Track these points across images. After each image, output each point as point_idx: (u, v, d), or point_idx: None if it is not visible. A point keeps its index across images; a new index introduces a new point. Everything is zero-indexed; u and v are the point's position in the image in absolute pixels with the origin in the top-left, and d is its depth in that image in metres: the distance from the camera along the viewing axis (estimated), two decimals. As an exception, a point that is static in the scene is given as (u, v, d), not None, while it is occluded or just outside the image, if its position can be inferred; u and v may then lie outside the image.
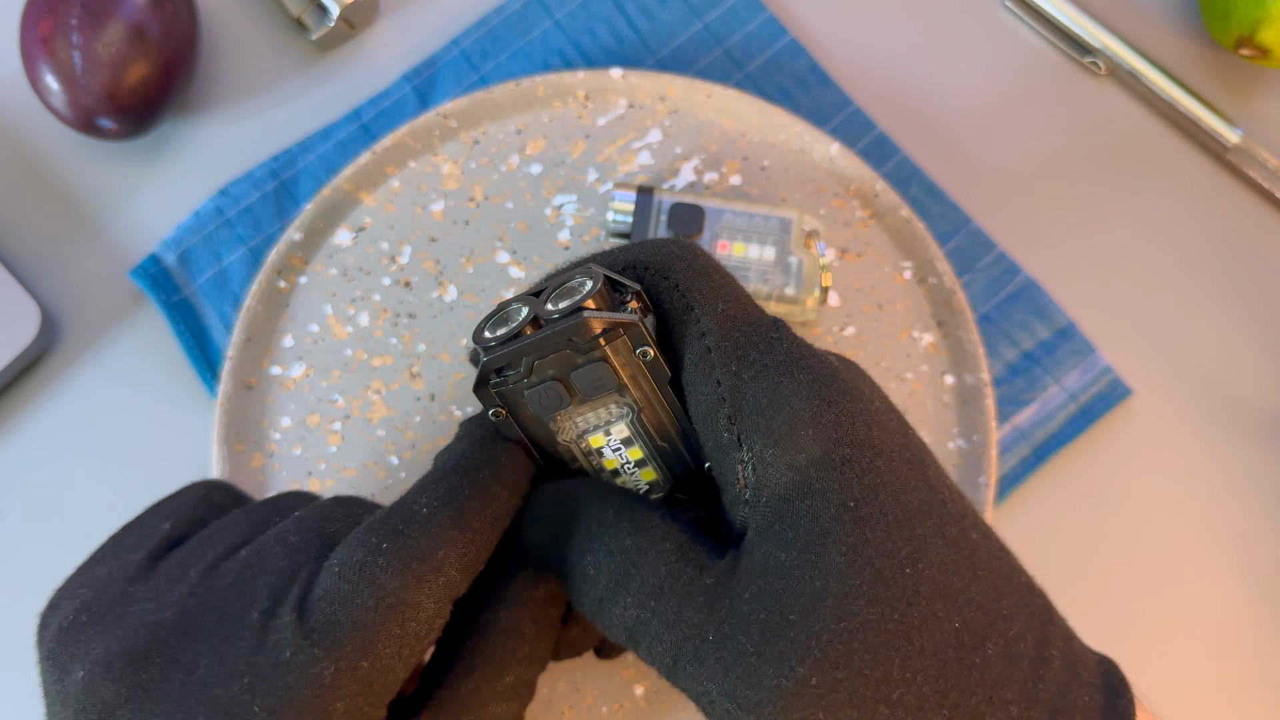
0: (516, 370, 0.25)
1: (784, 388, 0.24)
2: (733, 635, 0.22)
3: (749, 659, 0.22)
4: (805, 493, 0.23)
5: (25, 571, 0.41)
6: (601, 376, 0.25)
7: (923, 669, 0.22)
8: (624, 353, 0.25)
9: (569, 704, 0.38)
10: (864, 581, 0.22)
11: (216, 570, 0.25)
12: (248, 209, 0.44)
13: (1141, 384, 0.43)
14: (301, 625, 0.23)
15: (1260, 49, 0.44)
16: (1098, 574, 0.42)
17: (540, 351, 0.25)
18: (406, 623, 0.23)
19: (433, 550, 0.24)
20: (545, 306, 0.25)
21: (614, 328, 0.24)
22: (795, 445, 0.23)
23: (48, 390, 0.43)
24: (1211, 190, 0.46)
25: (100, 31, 0.41)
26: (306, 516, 0.26)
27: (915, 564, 0.22)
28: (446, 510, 0.25)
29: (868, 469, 0.23)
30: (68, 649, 0.24)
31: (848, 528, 0.22)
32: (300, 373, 0.42)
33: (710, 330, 0.25)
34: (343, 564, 0.24)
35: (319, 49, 0.48)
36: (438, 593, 0.24)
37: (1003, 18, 0.49)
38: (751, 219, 0.41)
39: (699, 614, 0.23)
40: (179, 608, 0.24)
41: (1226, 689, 0.40)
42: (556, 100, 0.45)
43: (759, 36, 0.47)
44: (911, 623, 0.22)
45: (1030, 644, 0.23)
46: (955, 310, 0.42)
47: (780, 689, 0.21)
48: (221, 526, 0.26)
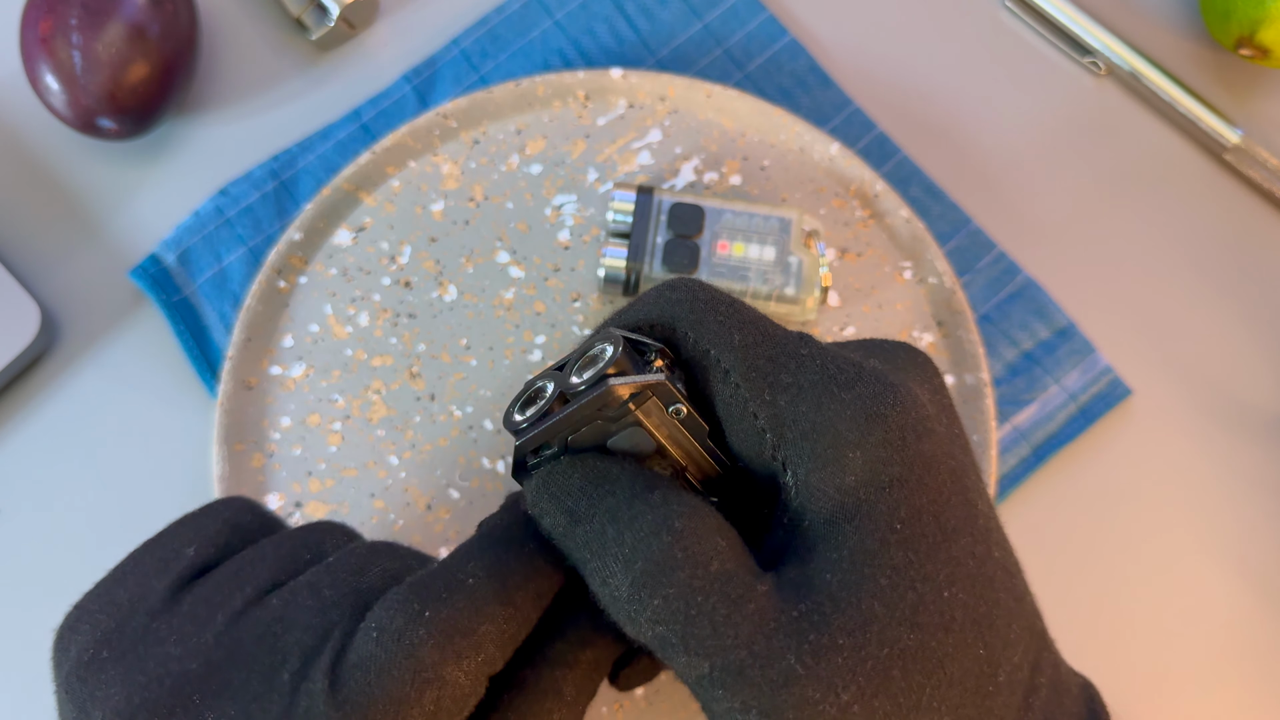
0: (552, 449, 0.24)
1: (826, 408, 0.23)
2: (782, 653, 0.21)
3: (798, 680, 0.21)
4: (853, 514, 0.22)
5: (25, 572, 0.41)
6: (638, 441, 0.24)
7: (948, 698, 0.22)
8: (656, 414, 0.24)
9: (569, 704, 0.38)
10: (907, 606, 0.22)
11: (244, 617, 0.24)
12: (248, 209, 0.44)
13: (1141, 384, 0.43)
14: (334, 695, 0.22)
15: (1260, 49, 0.44)
16: (1097, 574, 0.42)
17: (573, 427, 0.24)
18: (441, 699, 0.22)
19: (475, 625, 0.23)
20: (570, 380, 0.24)
21: (641, 390, 0.23)
22: (842, 468, 0.22)
23: (48, 390, 0.43)
24: (1211, 190, 0.46)
25: (100, 31, 0.41)
26: (340, 566, 0.25)
27: (951, 587, 0.22)
28: (492, 583, 0.24)
29: (915, 487, 0.22)
30: (87, 687, 0.24)
31: (893, 551, 0.22)
32: (300, 373, 0.42)
33: (733, 366, 0.24)
34: (380, 629, 0.23)
35: (319, 49, 0.48)
36: (475, 670, 0.23)
37: (1003, 18, 0.49)
38: (751, 219, 0.41)
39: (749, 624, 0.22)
40: (204, 659, 0.23)
41: (1226, 689, 0.40)
42: (556, 100, 0.45)
43: (759, 36, 0.47)
44: (946, 650, 0.22)
45: (1026, 672, 0.23)
46: (955, 310, 0.42)
47: (824, 714, 0.21)
48: (250, 561, 0.26)
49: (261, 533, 0.27)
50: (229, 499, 0.28)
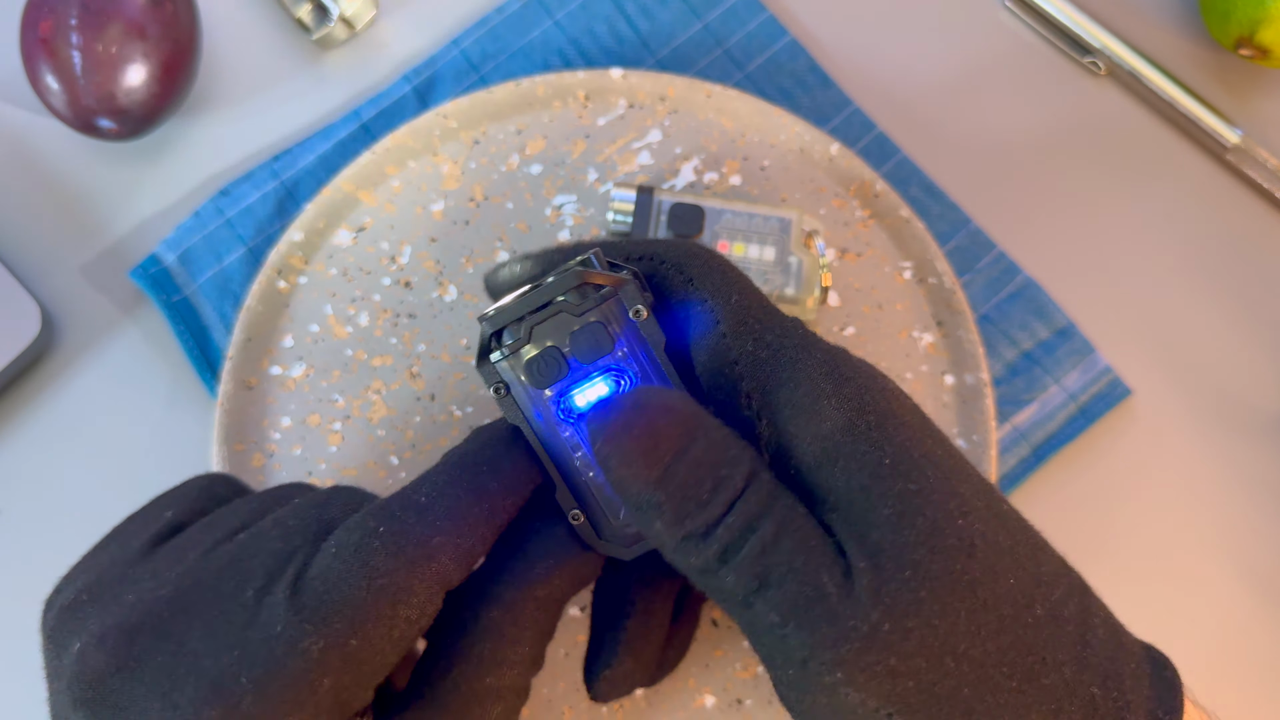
0: (516, 335, 0.26)
1: (802, 365, 0.24)
2: (816, 573, 0.22)
3: (830, 598, 0.22)
4: (836, 458, 0.23)
5: (25, 571, 0.41)
6: (598, 338, 0.25)
7: (985, 623, 0.22)
8: (617, 314, 0.25)
9: (569, 704, 0.38)
10: (919, 531, 0.22)
11: (214, 552, 0.25)
12: (248, 209, 0.44)
13: (1141, 384, 0.43)
14: (293, 602, 0.23)
15: (1260, 49, 0.44)
16: (1097, 574, 0.41)
17: (537, 311, 0.25)
18: (397, 606, 0.23)
19: (427, 537, 0.24)
20: (546, 280, 0.26)
21: (609, 284, 0.25)
22: (820, 416, 0.24)
23: (48, 390, 0.43)
24: (1211, 190, 0.46)
25: (100, 31, 0.41)
26: (305, 503, 0.26)
27: (966, 516, 0.23)
28: (444, 501, 0.25)
29: (895, 432, 0.23)
30: (66, 626, 0.25)
31: (890, 481, 0.23)
32: (300, 373, 0.42)
33: (724, 317, 0.25)
34: (339, 545, 0.24)
35: (319, 49, 0.48)
36: (429, 579, 0.24)
37: (1002, 18, 0.49)
38: (751, 219, 0.41)
39: (794, 554, 0.23)
40: (174, 586, 0.24)
41: (1226, 689, 0.40)
42: (556, 100, 0.45)
43: (759, 36, 0.47)
44: (973, 574, 0.22)
45: (1073, 610, 0.23)
46: (955, 310, 0.42)
47: (856, 631, 0.22)
48: (222, 513, 0.27)
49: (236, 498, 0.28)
50: (207, 473, 0.29)
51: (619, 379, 0.26)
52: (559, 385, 0.26)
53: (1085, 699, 0.23)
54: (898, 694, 0.22)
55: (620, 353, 0.26)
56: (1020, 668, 0.22)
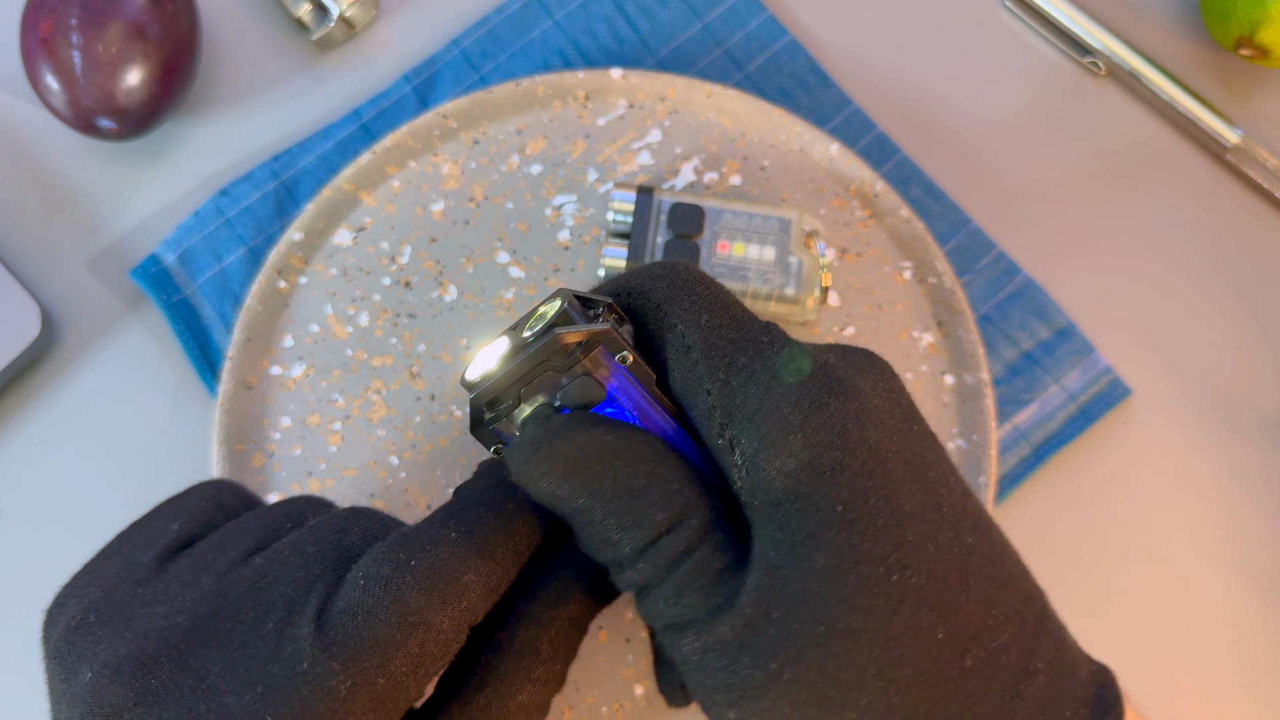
0: (506, 402, 0.25)
1: (773, 392, 0.24)
2: (718, 623, 0.23)
3: (729, 648, 0.22)
4: (795, 497, 0.23)
5: (25, 571, 0.41)
6: (588, 390, 0.25)
7: (898, 679, 0.22)
8: (604, 364, 0.25)
9: (569, 704, 0.38)
10: (846, 587, 0.22)
11: (229, 576, 0.25)
12: (248, 209, 0.44)
13: (1141, 384, 0.43)
14: (321, 637, 0.23)
15: (1260, 49, 0.44)
16: (1097, 574, 0.42)
17: (523, 379, 0.25)
18: (426, 643, 0.23)
19: (459, 574, 0.24)
20: (522, 335, 0.25)
21: (588, 339, 0.25)
22: (785, 450, 0.23)
23: (48, 390, 0.43)
24: (1211, 190, 0.46)
25: (100, 31, 0.41)
26: (322, 526, 0.26)
27: (903, 570, 0.22)
28: (474, 538, 0.25)
29: (858, 472, 0.23)
30: (75, 649, 0.24)
31: (834, 532, 0.22)
32: (300, 373, 0.42)
33: (695, 343, 0.25)
34: (368, 577, 0.23)
35: (319, 49, 0.48)
36: (459, 617, 0.24)
37: (1003, 18, 0.49)
38: (751, 219, 0.41)
39: (699, 596, 0.23)
40: (190, 613, 0.24)
41: (1226, 689, 0.40)
42: (556, 100, 0.45)
43: (759, 36, 0.47)
44: (893, 632, 0.22)
45: (1015, 656, 0.23)
46: (955, 310, 0.42)
47: (752, 680, 0.22)
48: (232, 530, 0.26)
49: (244, 509, 0.28)
50: (213, 480, 0.29)
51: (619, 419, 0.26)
52: None
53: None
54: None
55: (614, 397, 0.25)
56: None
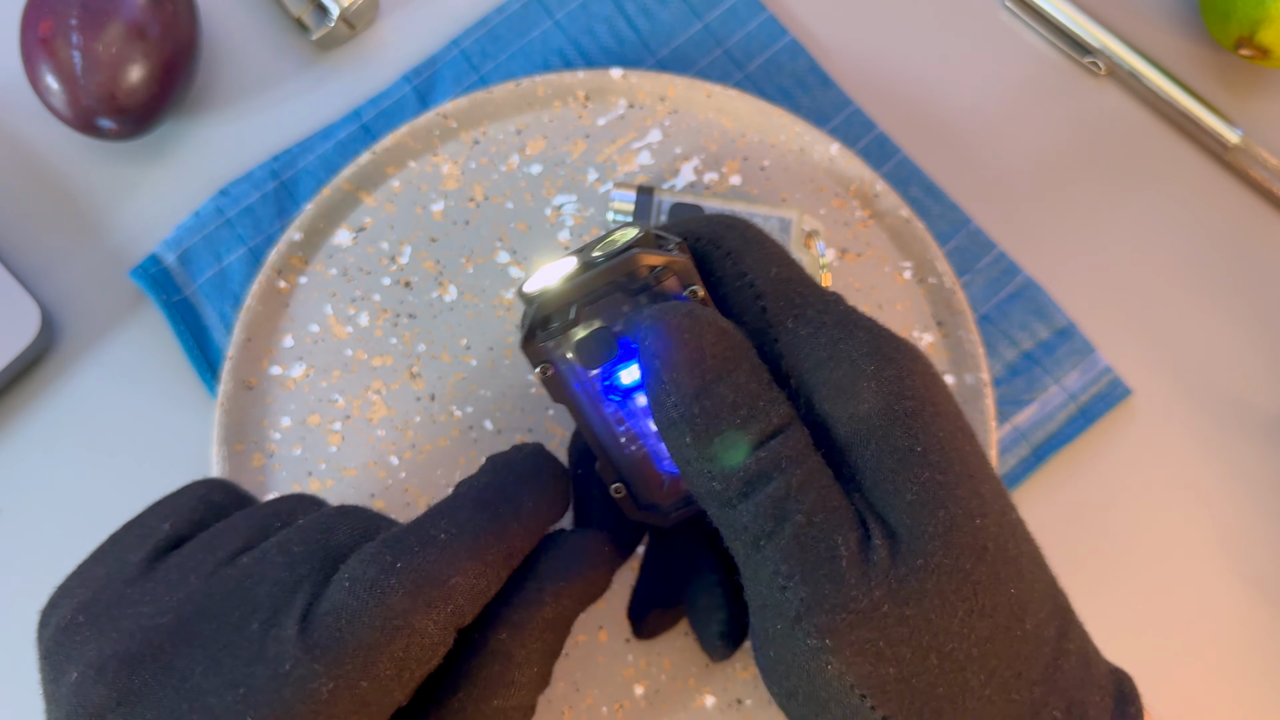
0: (564, 319, 0.24)
1: (843, 344, 0.24)
2: (831, 535, 0.22)
3: (840, 563, 0.22)
4: (869, 440, 0.23)
5: (25, 571, 0.41)
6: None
7: (978, 629, 0.22)
8: (673, 297, 0.24)
9: (569, 704, 0.38)
10: (939, 524, 0.22)
11: (216, 576, 0.24)
12: (248, 209, 0.44)
13: (1141, 384, 0.43)
14: (304, 639, 0.22)
15: (1260, 49, 0.44)
16: (1097, 574, 0.42)
17: (589, 295, 0.24)
18: (410, 647, 0.23)
19: (446, 577, 0.23)
20: (591, 257, 0.24)
21: (664, 266, 0.24)
22: (857, 397, 0.23)
23: (48, 390, 0.43)
24: (1211, 190, 0.46)
25: (100, 31, 0.41)
26: (310, 526, 0.25)
27: (983, 517, 0.22)
28: (464, 539, 0.24)
29: (930, 422, 0.23)
30: (63, 649, 0.24)
31: (915, 469, 0.22)
32: (300, 373, 0.42)
33: (765, 292, 0.25)
34: (353, 579, 0.23)
35: (319, 49, 0.48)
36: (445, 620, 0.23)
37: (1002, 18, 0.49)
38: (751, 219, 0.41)
39: (818, 498, 0.23)
40: (176, 613, 0.24)
41: (1227, 689, 0.40)
42: (556, 100, 0.45)
43: (759, 36, 0.47)
44: (979, 578, 0.22)
45: (1053, 631, 0.23)
46: (955, 310, 0.42)
47: (856, 604, 0.22)
48: (222, 530, 0.26)
49: (236, 508, 0.28)
50: (205, 480, 0.28)
51: None
52: (608, 365, 0.25)
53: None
54: (876, 677, 0.22)
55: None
56: (997, 678, 0.22)
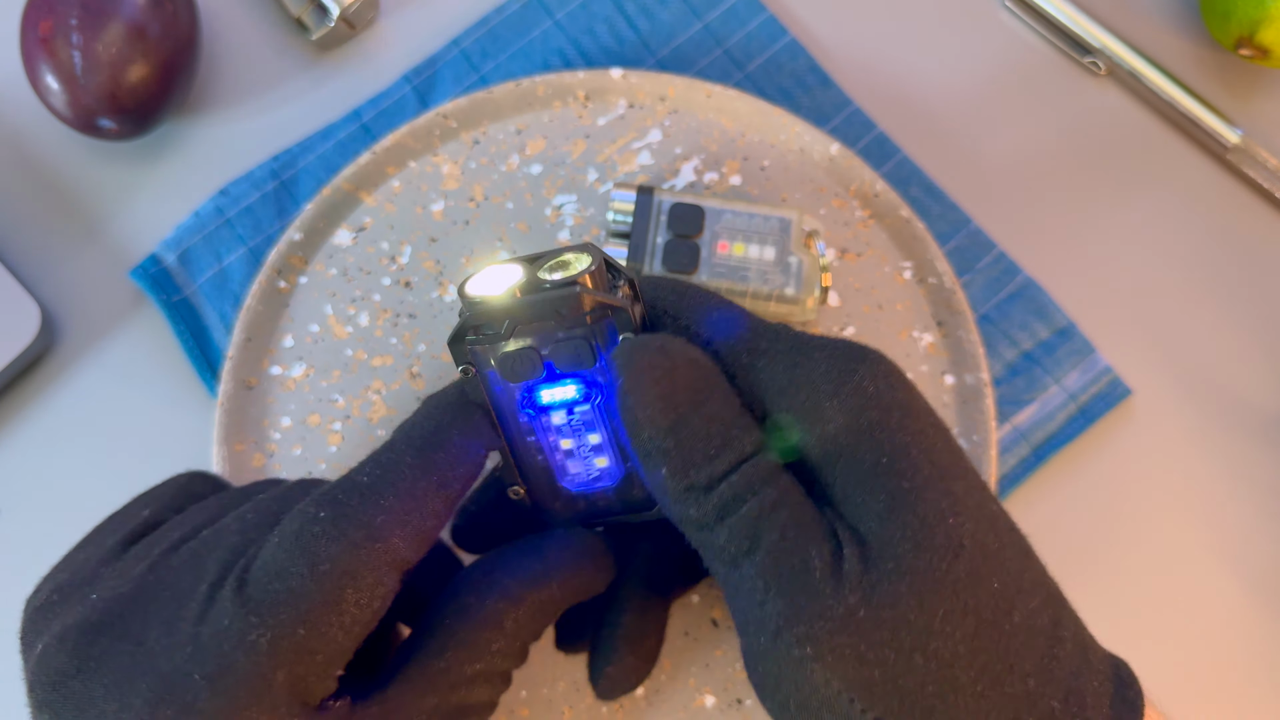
0: (496, 330, 0.25)
1: (800, 368, 0.24)
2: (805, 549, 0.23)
3: (813, 574, 0.22)
4: (837, 458, 0.23)
5: (25, 571, 0.41)
6: (580, 354, 0.25)
7: (962, 625, 0.22)
8: (606, 336, 0.25)
9: (569, 704, 0.38)
10: (907, 528, 0.22)
11: (178, 550, 0.25)
12: (248, 209, 0.44)
13: (1141, 384, 0.43)
14: (239, 595, 0.23)
15: (1260, 49, 0.44)
16: (1097, 574, 0.42)
17: (525, 317, 0.25)
18: (344, 590, 0.23)
19: (371, 517, 0.24)
20: (539, 275, 0.25)
21: (604, 308, 0.25)
22: (821, 418, 0.24)
23: (48, 390, 0.43)
24: (1211, 190, 0.46)
25: (100, 31, 0.41)
26: (268, 497, 0.26)
27: (957, 515, 0.23)
28: (389, 479, 0.24)
29: (896, 428, 0.23)
30: (35, 626, 0.25)
31: (885, 479, 0.23)
32: (300, 373, 0.42)
33: (712, 336, 0.26)
34: (281, 535, 0.24)
35: (319, 49, 0.48)
36: (376, 560, 0.24)
37: (1002, 17, 0.49)
38: (751, 219, 0.41)
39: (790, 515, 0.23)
40: (136, 583, 0.24)
41: (1227, 689, 0.40)
42: (556, 100, 0.45)
43: (759, 36, 0.47)
44: (957, 575, 0.22)
45: (1046, 621, 0.23)
46: (955, 310, 0.42)
47: (831, 611, 0.22)
48: (194, 511, 0.27)
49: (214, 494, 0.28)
50: (188, 471, 0.29)
51: (589, 392, 0.26)
52: (530, 383, 0.26)
53: (1045, 712, 0.23)
54: (862, 680, 0.22)
55: (600, 369, 0.26)
56: (988, 673, 0.22)
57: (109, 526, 0.28)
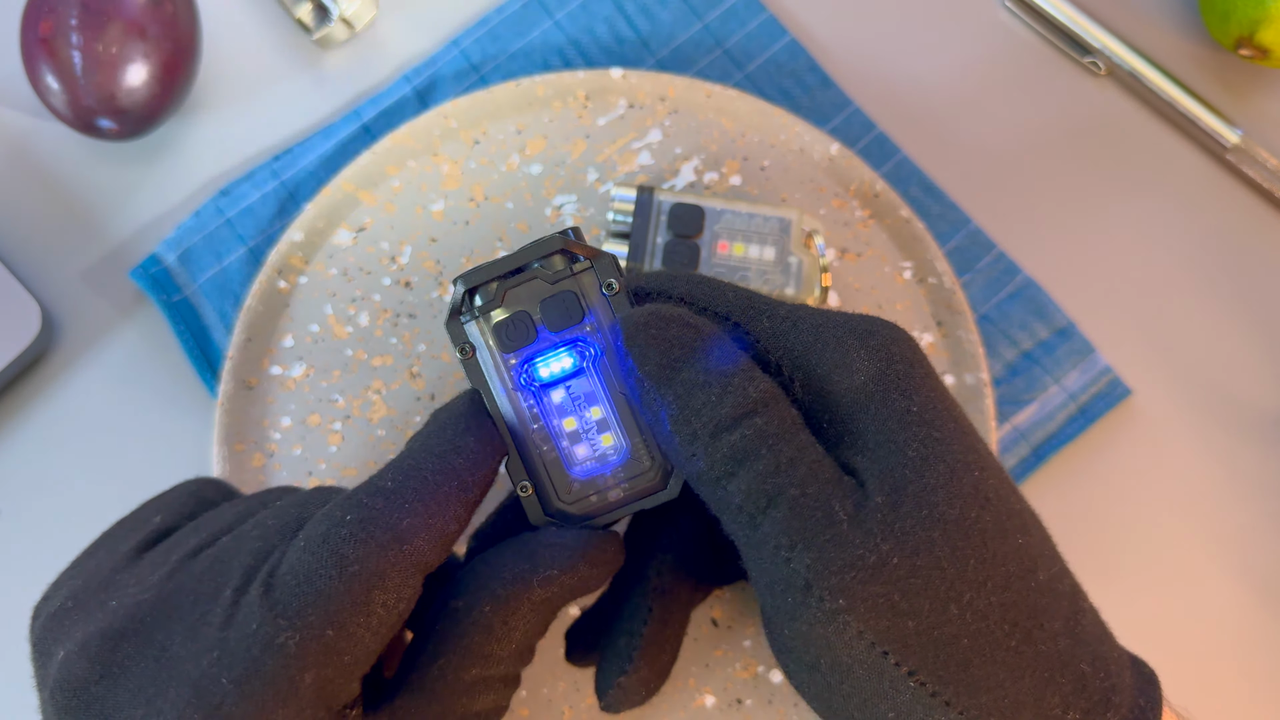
0: (488, 297, 0.26)
1: (824, 330, 0.25)
2: (829, 499, 0.23)
3: (841, 525, 0.22)
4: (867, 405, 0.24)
5: (25, 571, 0.41)
6: (569, 306, 0.26)
7: (992, 576, 0.22)
8: (593, 288, 0.26)
9: (569, 704, 0.38)
10: (939, 476, 0.23)
11: (197, 556, 0.25)
12: (248, 209, 0.44)
13: (1141, 384, 0.43)
14: (267, 599, 0.23)
15: (1260, 49, 0.44)
16: (1097, 574, 0.41)
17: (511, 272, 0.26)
18: (372, 592, 0.23)
19: (396, 520, 0.24)
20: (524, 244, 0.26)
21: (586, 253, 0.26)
22: (850, 369, 0.24)
23: (48, 390, 0.43)
24: (1211, 190, 0.46)
25: (100, 31, 0.41)
26: (286, 503, 0.26)
27: (983, 470, 0.23)
28: (411, 483, 0.25)
29: (921, 384, 0.24)
30: (51, 634, 0.25)
31: (916, 427, 0.23)
32: (300, 373, 0.42)
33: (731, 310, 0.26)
34: (308, 538, 0.24)
35: (319, 49, 0.48)
36: (402, 562, 0.24)
37: (1002, 17, 0.49)
38: (751, 219, 0.41)
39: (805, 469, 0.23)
40: (157, 590, 0.24)
41: (1227, 689, 0.40)
42: (556, 100, 0.45)
43: (759, 36, 0.47)
44: (985, 526, 0.22)
45: (1068, 586, 0.24)
46: (955, 310, 0.42)
47: (863, 561, 0.22)
48: (208, 518, 0.27)
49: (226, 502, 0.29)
50: (197, 478, 0.29)
51: (583, 353, 0.26)
52: (525, 351, 0.26)
53: (1076, 674, 0.23)
54: (897, 632, 0.22)
55: (589, 326, 0.26)
56: (1020, 629, 0.22)
57: (119, 532, 0.28)
